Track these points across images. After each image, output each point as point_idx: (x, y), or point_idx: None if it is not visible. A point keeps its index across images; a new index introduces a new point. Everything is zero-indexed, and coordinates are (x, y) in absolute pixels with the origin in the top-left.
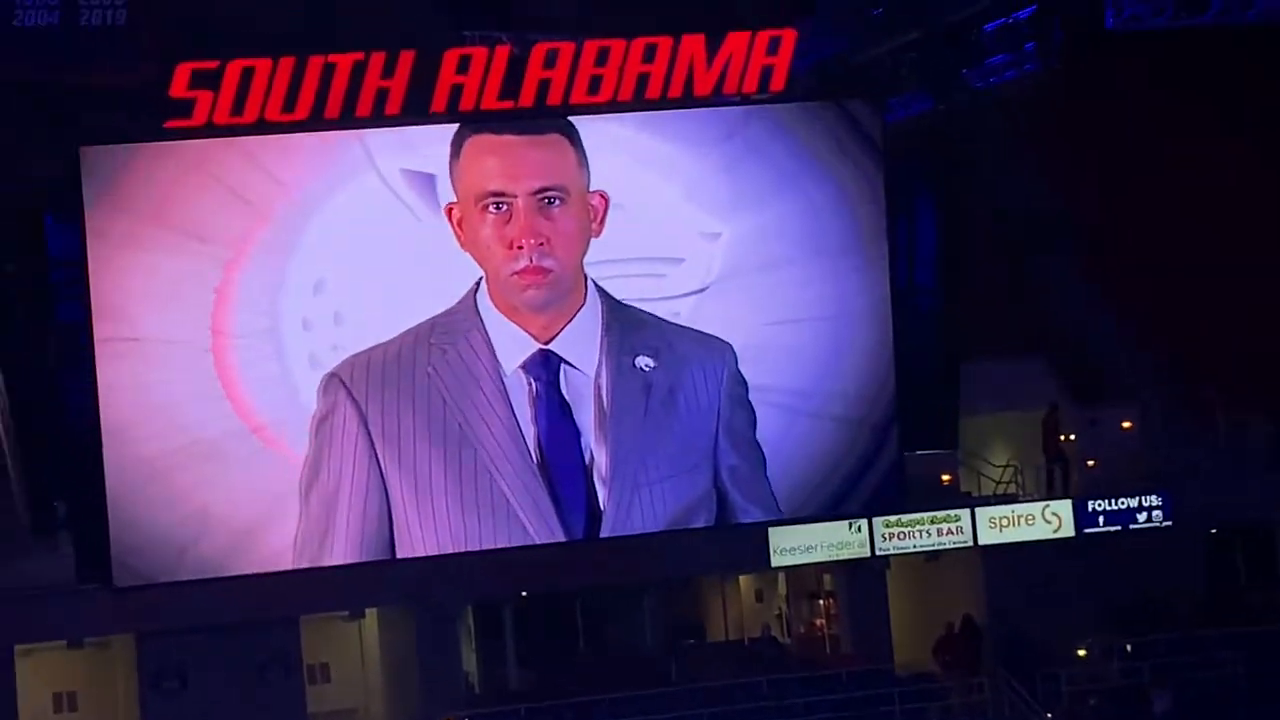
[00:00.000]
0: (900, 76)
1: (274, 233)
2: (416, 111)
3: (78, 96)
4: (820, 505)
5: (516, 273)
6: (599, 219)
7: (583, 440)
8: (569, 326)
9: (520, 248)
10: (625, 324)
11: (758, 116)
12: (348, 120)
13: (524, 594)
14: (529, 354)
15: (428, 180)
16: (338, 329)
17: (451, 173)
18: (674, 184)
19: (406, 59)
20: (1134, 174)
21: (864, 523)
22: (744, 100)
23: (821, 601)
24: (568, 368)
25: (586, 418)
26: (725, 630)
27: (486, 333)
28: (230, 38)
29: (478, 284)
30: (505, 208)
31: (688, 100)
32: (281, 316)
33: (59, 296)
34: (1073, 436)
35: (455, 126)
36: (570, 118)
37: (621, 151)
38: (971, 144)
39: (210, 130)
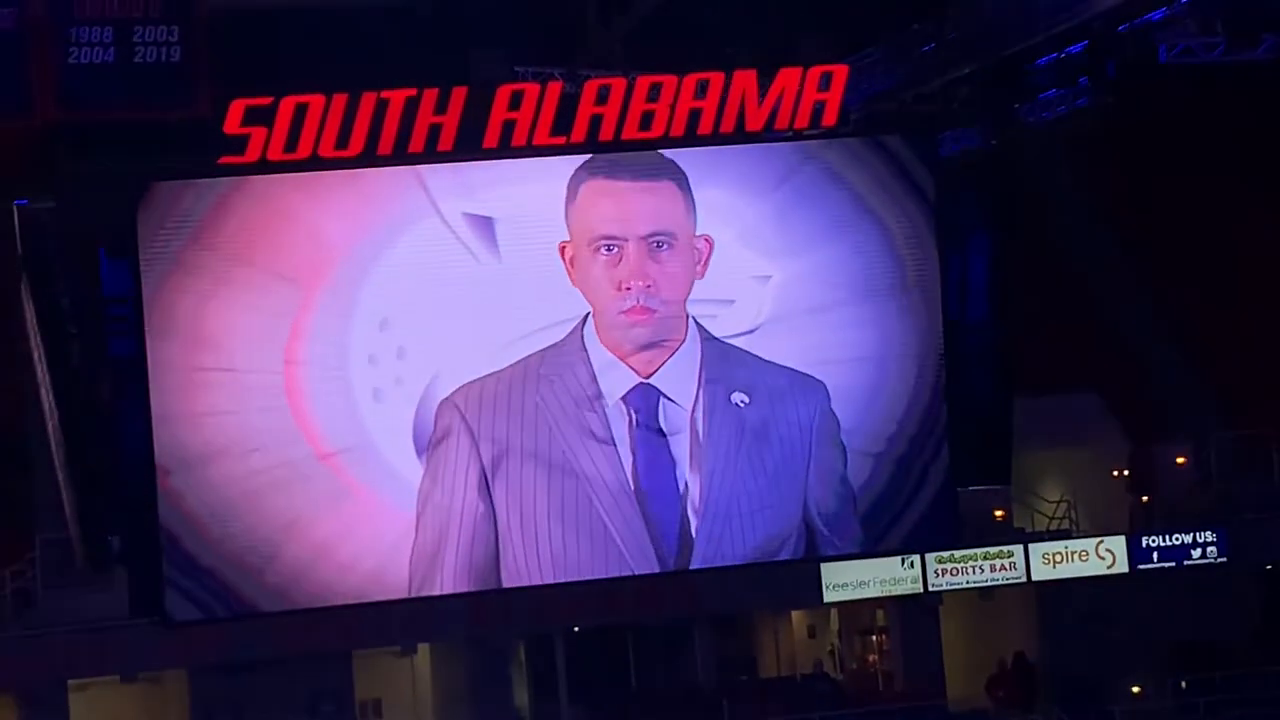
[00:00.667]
0: (953, 112)
1: (344, 271)
2: (469, 147)
3: (132, 133)
4: (870, 540)
5: (624, 312)
6: (703, 261)
7: (678, 470)
8: (669, 362)
9: (629, 289)
10: (723, 361)
11: (810, 161)
12: (401, 156)
13: (575, 629)
14: (630, 387)
15: (487, 223)
16: (400, 363)
17: (566, 213)
18: (729, 228)
19: (459, 95)
20: (1189, 208)
21: (917, 558)
22: (796, 136)
23: (874, 637)
24: (666, 401)
25: (682, 449)
26: (778, 666)
27: (591, 366)
28: (284, 75)
29: (584, 320)
30: (616, 250)
31: (740, 136)
32: (349, 350)
33: (112, 330)
34: (1126, 472)
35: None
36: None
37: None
38: (1024, 178)
39: (264, 166)
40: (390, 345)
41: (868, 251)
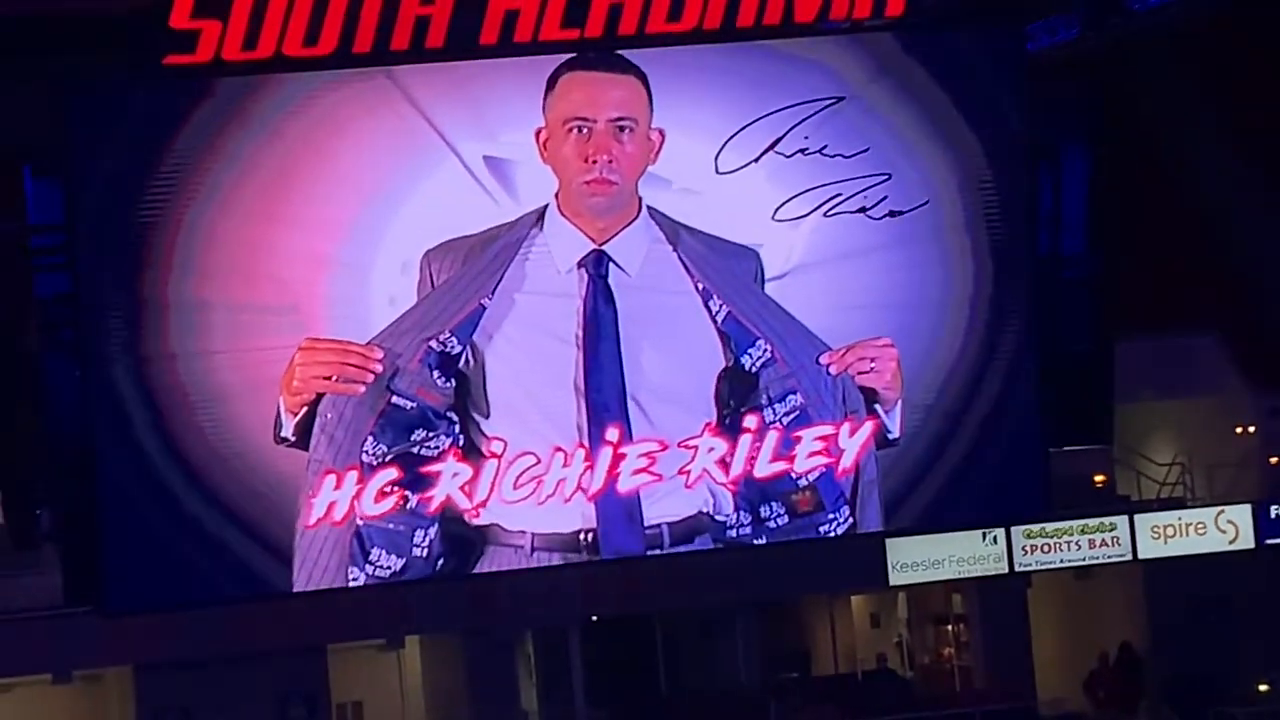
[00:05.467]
0: None
1: (367, 215)
2: (462, 44)
3: (63, 28)
4: (932, 509)
5: (587, 181)
6: (656, 151)
7: (619, 318)
8: (621, 234)
9: (594, 162)
10: (668, 234)
11: (859, 93)
12: (380, 55)
13: (594, 617)
14: (585, 252)
15: (507, 166)
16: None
17: (544, 101)
18: (757, 167)
19: None
20: None
21: (1000, 533)
22: (854, 28)
23: (950, 627)
24: (615, 267)
25: (626, 302)
26: (834, 662)
27: (553, 235)
28: None
29: (551, 198)
30: (586, 130)
31: (787, 28)
32: (371, 291)
33: (39, 265)
34: (1251, 429)
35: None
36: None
37: (702, 136)
38: (1131, 79)
39: (218, 67)
40: (410, 288)
41: (930, 179)
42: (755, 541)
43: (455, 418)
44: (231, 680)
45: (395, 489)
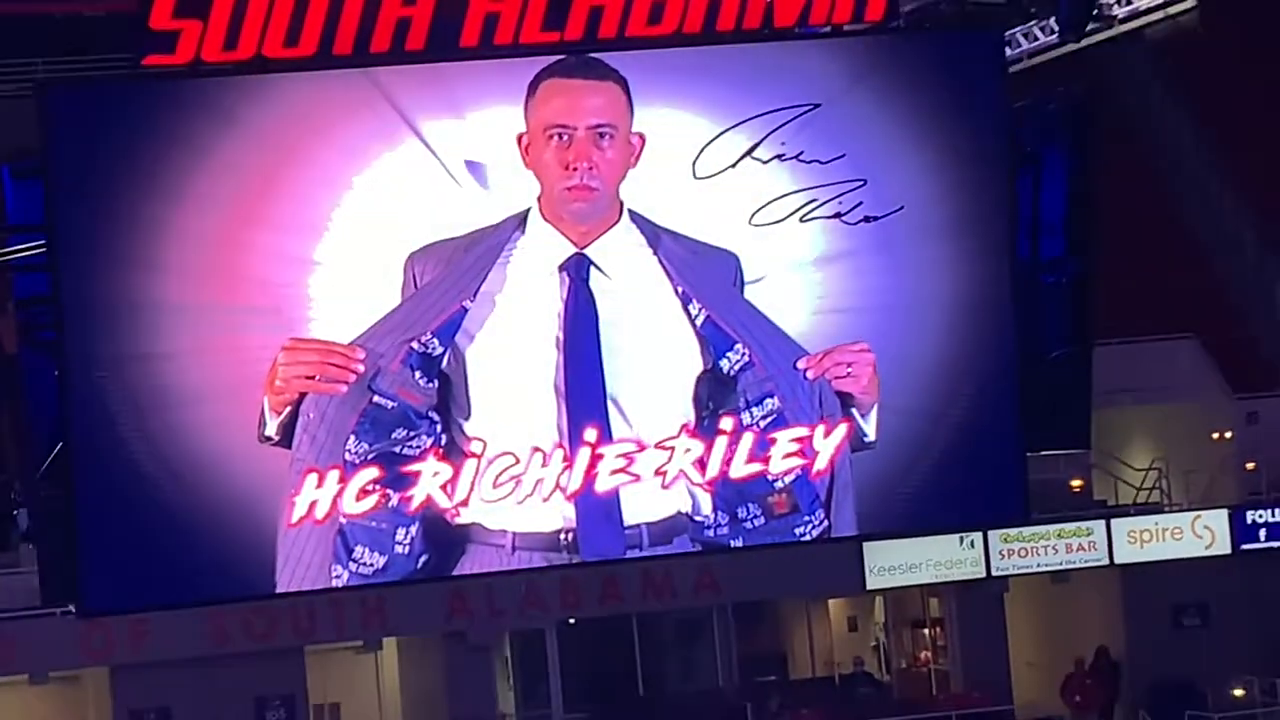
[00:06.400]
0: (1025, 4)
1: (347, 216)
2: (443, 46)
3: (43, 29)
4: (909, 513)
5: (569, 188)
6: (636, 155)
7: (599, 320)
8: (602, 238)
9: (575, 169)
10: (649, 238)
11: (838, 98)
12: (361, 56)
13: (571, 620)
14: (567, 255)
15: (488, 169)
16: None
17: (526, 107)
18: (735, 172)
19: None
20: None
21: (978, 537)
22: (835, 32)
23: (927, 631)
24: (596, 270)
25: (607, 305)
26: (811, 665)
27: (535, 238)
28: None
29: (533, 202)
30: (567, 137)
31: (767, 32)
32: (353, 292)
33: (18, 265)
34: (1228, 434)
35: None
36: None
37: (682, 140)
38: (1111, 85)
39: (198, 68)
40: (395, 282)
41: (908, 184)
42: (732, 542)
43: (437, 418)
44: (209, 681)
45: (377, 487)
